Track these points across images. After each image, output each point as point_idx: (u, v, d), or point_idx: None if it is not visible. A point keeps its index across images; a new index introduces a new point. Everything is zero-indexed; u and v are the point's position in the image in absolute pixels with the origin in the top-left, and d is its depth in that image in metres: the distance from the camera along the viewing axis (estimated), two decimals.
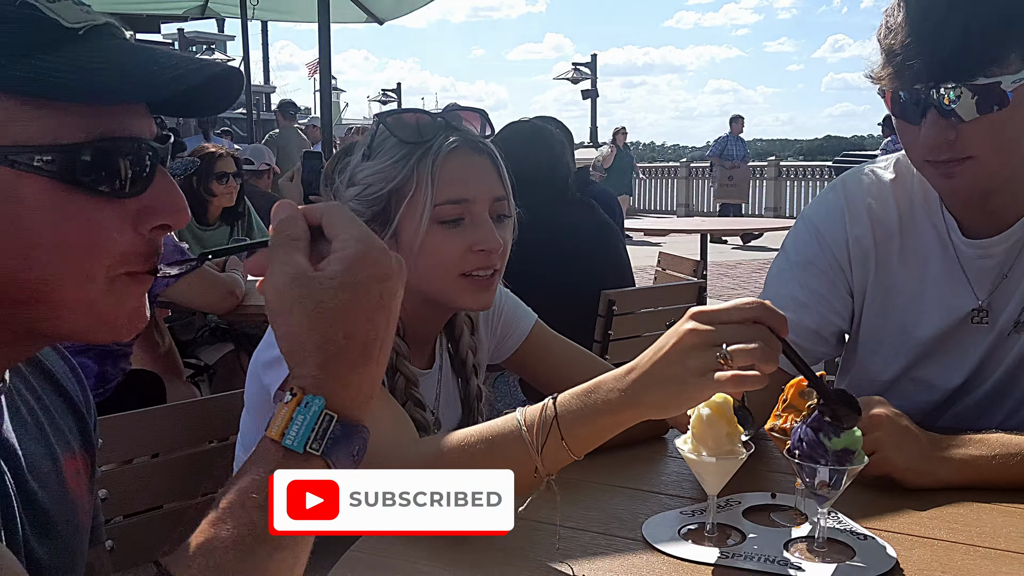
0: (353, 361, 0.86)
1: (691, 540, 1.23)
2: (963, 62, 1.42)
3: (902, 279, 1.74)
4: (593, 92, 24.98)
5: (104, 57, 0.82)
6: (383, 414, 1.39)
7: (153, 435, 1.83)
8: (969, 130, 1.46)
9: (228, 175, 4.68)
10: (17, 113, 0.79)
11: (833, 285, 1.75)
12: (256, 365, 1.58)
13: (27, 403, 1.01)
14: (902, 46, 1.46)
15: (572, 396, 1.21)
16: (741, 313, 1.12)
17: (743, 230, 13.12)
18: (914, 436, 1.41)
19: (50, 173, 0.80)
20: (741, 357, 1.09)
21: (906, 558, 1.17)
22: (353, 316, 0.85)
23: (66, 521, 1.00)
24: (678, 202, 23.09)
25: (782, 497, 1.36)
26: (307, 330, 0.85)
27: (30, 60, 0.79)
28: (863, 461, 1.14)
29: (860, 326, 1.80)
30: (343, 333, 0.85)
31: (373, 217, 1.60)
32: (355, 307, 0.85)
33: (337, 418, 0.85)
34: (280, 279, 0.86)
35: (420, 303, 1.63)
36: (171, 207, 0.88)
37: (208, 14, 11.28)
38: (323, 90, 5.46)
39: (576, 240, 3.45)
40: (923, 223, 1.72)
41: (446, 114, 1.61)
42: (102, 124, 0.82)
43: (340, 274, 0.85)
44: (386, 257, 0.88)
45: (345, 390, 0.86)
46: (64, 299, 0.83)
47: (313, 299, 0.85)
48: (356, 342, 0.86)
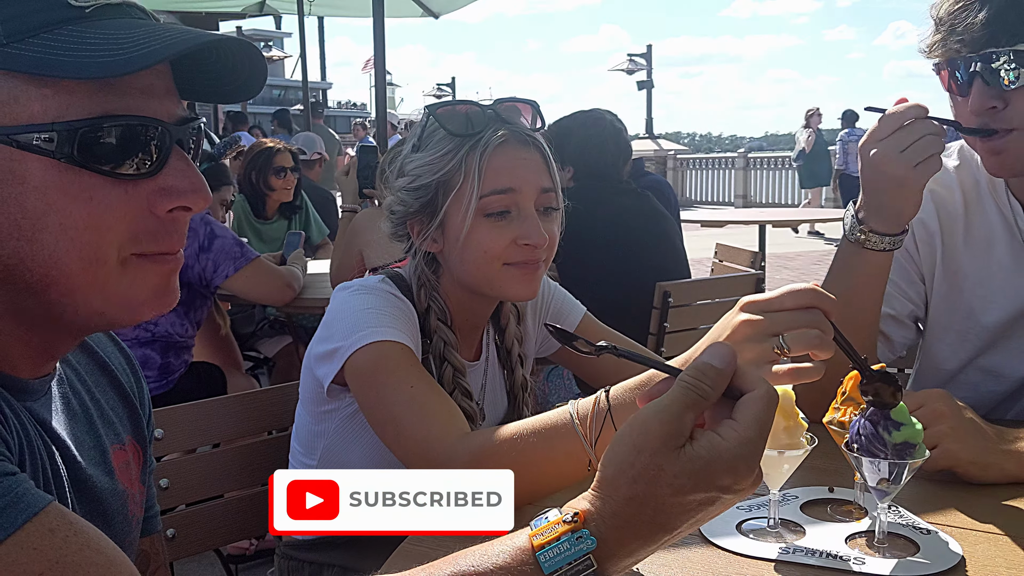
0: (647, 536, 0.81)
1: (750, 535, 1.22)
2: (1006, 26, 1.43)
3: (968, 263, 1.72)
4: (648, 83, 24.77)
5: (105, 34, 0.82)
6: (437, 407, 1.40)
7: (214, 426, 1.87)
8: (1015, 98, 1.47)
9: (286, 169, 4.74)
10: (20, 92, 0.79)
11: (903, 270, 1.75)
12: (310, 358, 1.60)
13: (78, 394, 1.02)
14: (948, 13, 1.49)
15: (625, 389, 1.20)
16: (793, 299, 1.10)
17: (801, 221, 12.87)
18: (978, 429, 1.37)
19: (52, 152, 0.80)
20: (798, 345, 1.07)
21: (970, 553, 1.14)
22: (685, 509, 0.80)
23: (115, 511, 1.01)
24: (736, 193, 22.80)
25: (841, 491, 1.34)
26: (635, 484, 0.79)
27: (35, 39, 0.80)
28: (924, 455, 1.11)
29: (929, 312, 1.78)
30: (664, 515, 0.80)
31: (421, 208, 1.61)
32: (694, 505, 0.80)
33: (595, 569, 0.79)
34: (656, 425, 0.80)
35: (466, 293, 1.64)
36: (187, 188, 0.87)
37: (266, 11, 11.45)
38: (378, 85, 5.49)
39: (631, 231, 3.43)
40: (989, 207, 1.71)
41: (496, 106, 1.61)
42: (107, 103, 0.82)
43: (704, 470, 0.79)
44: (751, 472, 0.81)
45: (618, 550, 0.81)
46: (74, 283, 0.83)
47: (670, 471, 0.79)
48: (664, 527, 0.81)
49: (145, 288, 0.87)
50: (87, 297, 0.85)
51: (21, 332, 0.87)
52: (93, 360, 1.09)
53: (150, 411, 1.18)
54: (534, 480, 1.21)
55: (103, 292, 0.85)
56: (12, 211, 0.80)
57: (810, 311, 1.09)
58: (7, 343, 0.87)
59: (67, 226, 0.81)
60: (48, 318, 0.86)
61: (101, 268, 0.84)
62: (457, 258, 1.60)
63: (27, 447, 0.85)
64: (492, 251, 1.56)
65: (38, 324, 0.87)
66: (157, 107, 0.85)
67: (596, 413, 1.19)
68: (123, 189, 0.83)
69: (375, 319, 1.50)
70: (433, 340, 1.63)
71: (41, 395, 0.93)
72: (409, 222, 1.65)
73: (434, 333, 1.63)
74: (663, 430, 0.80)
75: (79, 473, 0.95)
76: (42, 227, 0.81)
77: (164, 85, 0.87)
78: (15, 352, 0.88)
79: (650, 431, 0.80)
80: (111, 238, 0.83)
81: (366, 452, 1.61)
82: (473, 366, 1.73)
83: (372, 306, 1.54)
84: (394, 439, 1.43)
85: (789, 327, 1.08)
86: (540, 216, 1.58)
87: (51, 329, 0.89)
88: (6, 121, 0.79)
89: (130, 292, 0.86)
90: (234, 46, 0.88)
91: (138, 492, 1.09)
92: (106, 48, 0.80)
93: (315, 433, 1.68)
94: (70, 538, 0.72)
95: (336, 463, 1.67)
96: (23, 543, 0.69)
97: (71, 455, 0.95)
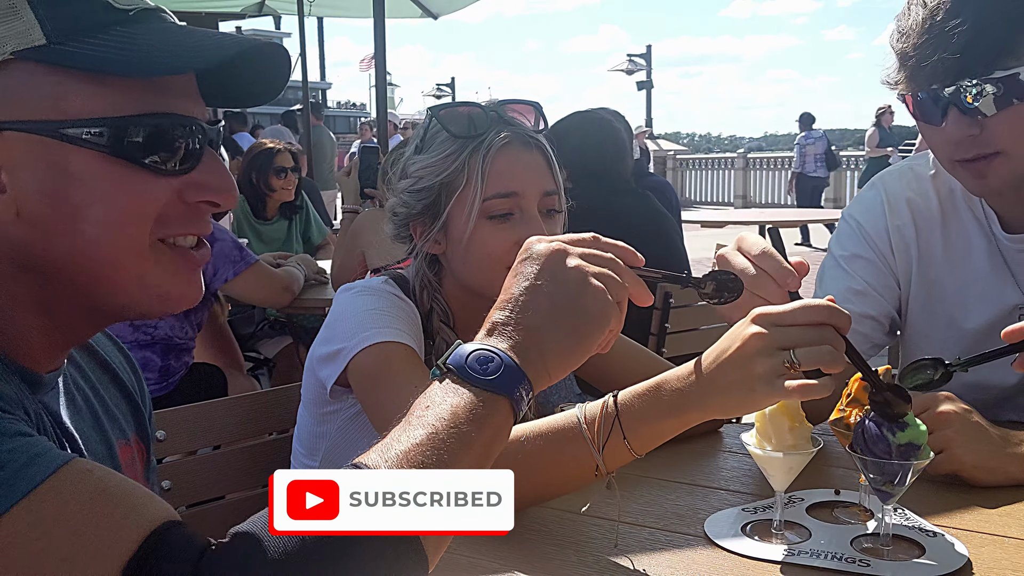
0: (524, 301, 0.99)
1: (755, 537, 1.21)
2: (977, 56, 1.40)
3: (946, 271, 1.72)
4: (648, 83, 24.77)
5: (153, 36, 0.86)
6: None
7: (215, 427, 1.86)
8: (993, 124, 1.44)
9: (286, 169, 4.74)
10: (71, 89, 0.83)
11: (880, 273, 1.75)
12: (312, 359, 1.59)
13: (82, 391, 1.04)
14: (914, 48, 1.44)
15: (633, 395, 1.18)
16: (807, 315, 1.08)
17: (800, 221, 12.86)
18: (984, 432, 1.37)
19: (99, 146, 0.83)
20: (809, 361, 1.05)
21: (976, 556, 1.14)
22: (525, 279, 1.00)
23: None
24: (735, 193, 22.79)
25: (847, 494, 1.33)
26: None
27: (89, 39, 0.83)
28: (928, 456, 1.11)
29: (908, 320, 1.78)
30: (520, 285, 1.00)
31: (424, 210, 1.60)
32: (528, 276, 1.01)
33: (496, 348, 0.95)
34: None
35: (469, 295, 1.63)
36: (221, 186, 0.91)
37: (266, 11, 11.42)
38: (379, 86, 5.48)
39: (631, 231, 3.41)
40: (965, 215, 1.71)
41: (498, 108, 1.61)
42: (153, 102, 0.86)
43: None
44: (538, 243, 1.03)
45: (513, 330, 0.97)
46: (119, 275, 0.87)
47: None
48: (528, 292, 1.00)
49: (177, 280, 0.91)
50: (125, 286, 0.88)
51: (45, 323, 0.90)
52: (94, 358, 1.11)
53: (151, 410, 1.19)
54: (539, 483, 1.20)
55: (139, 282, 0.89)
56: (59, 204, 0.83)
57: (822, 328, 1.07)
58: (30, 336, 0.89)
59: (111, 218, 0.85)
60: (78, 309, 0.90)
61: (138, 258, 0.87)
62: (460, 260, 1.59)
63: (43, 433, 0.87)
64: (495, 254, 1.55)
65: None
66: (193, 108, 0.90)
67: (604, 418, 1.18)
68: (164, 183, 0.87)
69: (378, 320, 1.50)
70: (436, 342, 1.62)
71: (50, 389, 0.95)
72: (412, 224, 1.64)
73: (436, 334, 1.62)
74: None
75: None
76: (84, 218, 0.84)
77: (194, 88, 0.92)
78: (36, 345, 0.90)
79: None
80: (149, 228, 0.87)
81: None
82: None
83: (375, 307, 1.53)
84: None
85: (800, 343, 1.06)
86: (543, 218, 1.58)
87: (77, 319, 0.92)
88: (57, 116, 0.83)
89: (164, 283, 0.90)
90: (267, 50, 0.91)
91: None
92: (154, 50, 0.85)
93: (317, 434, 1.67)
94: (106, 475, 0.75)
95: (338, 464, 1.65)
96: (67, 478, 0.72)
97: (78, 449, 0.96)
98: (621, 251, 1.05)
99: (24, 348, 0.89)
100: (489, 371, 0.91)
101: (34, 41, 0.81)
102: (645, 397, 1.17)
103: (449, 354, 0.93)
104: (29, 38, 0.81)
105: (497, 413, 0.90)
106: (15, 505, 0.69)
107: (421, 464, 0.82)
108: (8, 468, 0.71)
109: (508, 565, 1.16)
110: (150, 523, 0.73)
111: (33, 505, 0.70)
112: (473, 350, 0.93)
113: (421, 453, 0.83)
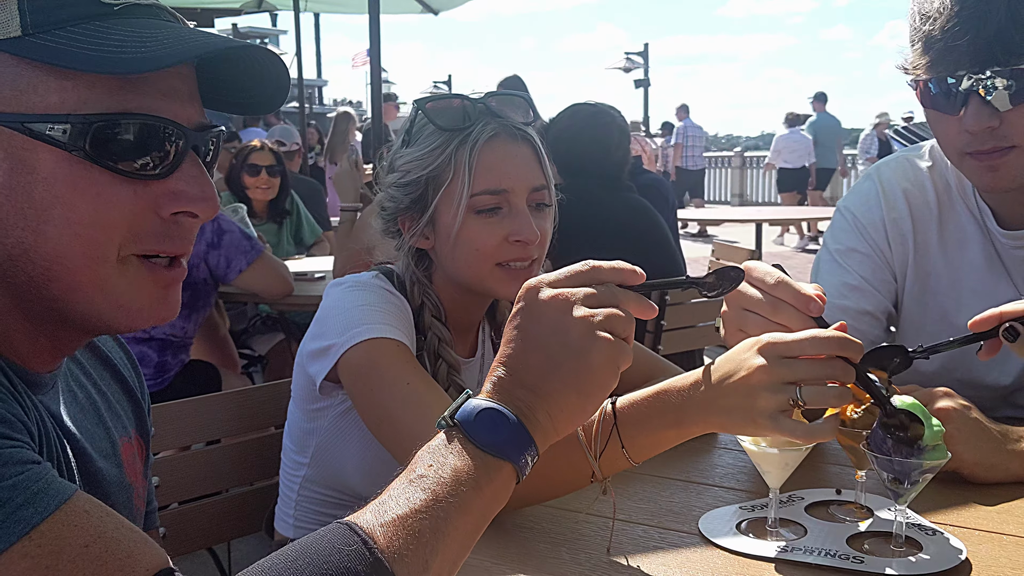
0: (527, 361, 0.95)
1: (750, 534, 1.20)
2: (1008, 44, 1.37)
3: (941, 264, 1.71)
4: (645, 82, 24.70)
5: (130, 32, 0.82)
6: (433, 404, 1.38)
7: (208, 423, 1.85)
8: (1013, 117, 1.42)
9: (260, 168, 4.69)
10: (40, 82, 0.80)
11: (876, 267, 1.74)
12: (302, 355, 1.58)
13: (83, 387, 1.02)
14: (943, 31, 1.41)
15: (632, 404, 1.15)
16: (815, 347, 1.05)
17: (798, 219, 12.87)
18: (983, 429, 1.35)
19: (64, 144, 0.80)
20: (814, 401, 1.03)
21: (974, 553, 1.13)
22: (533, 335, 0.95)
23: (122, 504, 1.01)
24: (732, 192, 22.79)
25: (848, 493, 1.32)
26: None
27: (60, 31, 0.80)
28: (946, 456, 1.08)
29: (902, 313, 1.77)
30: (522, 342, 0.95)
31: (411, 204, 1.58)
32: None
33: (495, 401, 0.91)
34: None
35: (459, 290, 1.62)
36: (197, 195, 0.87)
37: (264, 7, 11.38)
38: (374, 83, 5.45)
39: (625, 228, 3.40)
40: (960, 209, 1.70)
41: (486, 99, 1.58)
42: (126, 101, 0.82)
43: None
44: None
45: (512, 384, 0.93)
46: (76, 279, 0.83)
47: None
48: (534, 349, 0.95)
49: (144, 295, 0.88)
50: (88, 295, 0.85)
51: (28, 327, 0.87)
52: (96, 355, 1.10)
53: (149, 406, 1.18)
54: (533, 486, 1.18)
55: (103, 292, 0.85)
56: (19, 200, 0.81)
57: (832, 361, 1.04)
58: (14, 338, 0.87)
59: (72, 220, 0.81)
60: (52, 315, 0.87)
61: (102, 266, 0.84)
62: (448, 255, 1.58)
63: (44, 439, 0.86)
64: (484, 249, 1.54)
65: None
66: (177, 110, 0.86)
67: (601, 426, 1.15)
68: (132, 188, 0.83)
69: (369, 316, 1.48)
70: (427, 337, 1.60)
71: (49, 388, 0.94)
72: (400, 218, 1.62)
73: (428, 329, 1.61)
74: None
75: (89, 466, 0.96)
76: (47, 219, 0.81)
77: (188, 90, 0.88)
78: (23, 347, 0.88)
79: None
80: (115, 236, 0.83)
81: (359, 450, 1.59)
82: (468, 363, 1.71)
83: (366, 302, 1.51)
84: (390, 437, 1.41)
85: (808, 378, 1.04)
86: (532, 212, 1.56)
87: (57, 326, 0.89)
88: (22, 109, 0.80)
89: (128, 296, 0.87)
90: (260, 55, 0.88)
91: (141, 486, 1.10)
92: (128, 45, 0.80)
93: (307, 431, 1.66)
94: (104, 517, 0.74)
95: (328, 460, 1.64)
96: (64, 521, 0.71)
97: (81, 447, 0.95)
98: (620, 273, 0.98)
99: (15, 349, 0.87)
100: (496, 435, 0.87)
101: (10, 32, 0.80)
102: (645, 406, 1.14)
103: (457, 407, 0.89)
104: (6, 29, 0.80)
105: (499, 478, 0.87)
106: (11, 547, 0.68)
107: (417, 532, 0.79)
108: (8, 506, 0.70)
109: (500, 563, 1.15)
110: (145, 572, 0.73)
111: (29, 549, 0.69)
112: (482, 408, 0.89)
113: (418, 520, 0.80)
